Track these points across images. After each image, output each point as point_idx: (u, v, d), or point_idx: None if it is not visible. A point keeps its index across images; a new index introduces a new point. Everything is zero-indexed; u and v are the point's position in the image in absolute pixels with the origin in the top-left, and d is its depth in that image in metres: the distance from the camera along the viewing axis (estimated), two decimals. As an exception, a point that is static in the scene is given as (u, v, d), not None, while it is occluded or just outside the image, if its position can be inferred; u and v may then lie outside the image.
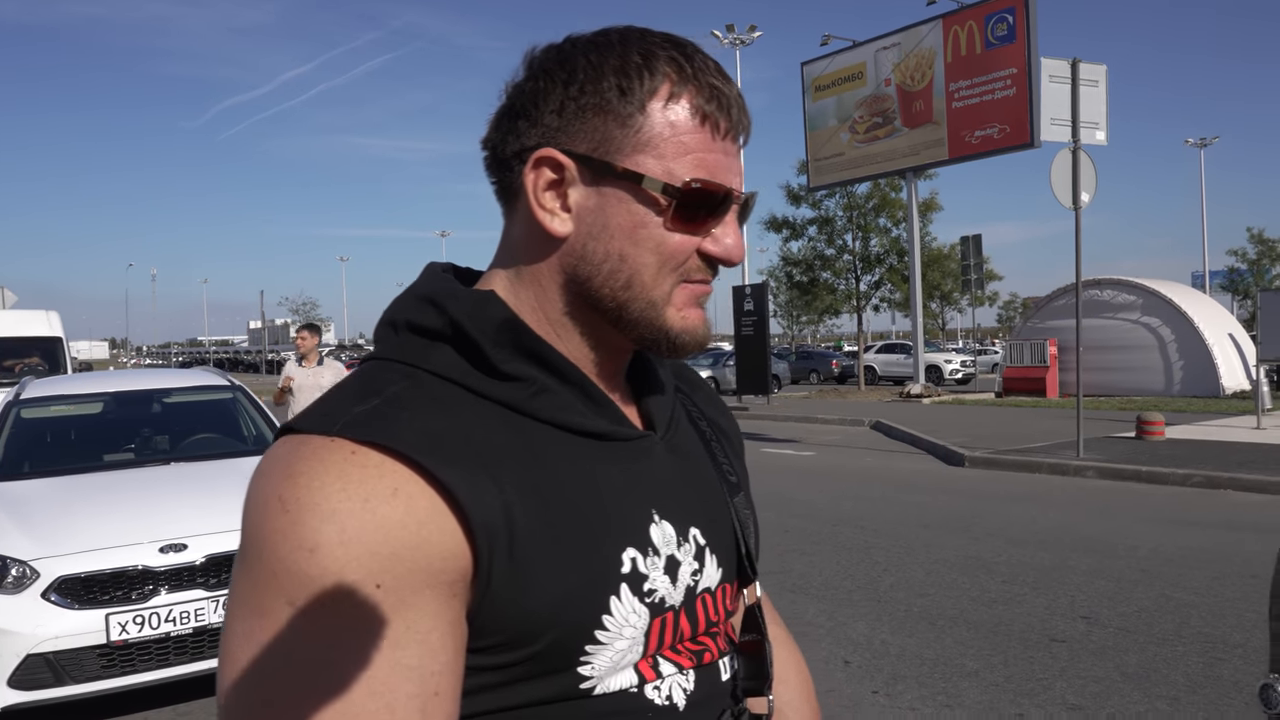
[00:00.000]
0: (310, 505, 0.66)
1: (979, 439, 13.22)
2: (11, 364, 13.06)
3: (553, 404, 0.78)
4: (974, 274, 23.05)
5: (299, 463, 0.68)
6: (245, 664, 0.65)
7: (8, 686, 3.96)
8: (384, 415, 0.71)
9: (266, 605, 0.65)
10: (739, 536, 0.91)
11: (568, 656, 0.74)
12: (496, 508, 0.70)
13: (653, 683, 0.79)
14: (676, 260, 0.79)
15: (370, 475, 0.67)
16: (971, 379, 30.57)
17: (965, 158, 22.56)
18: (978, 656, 4.77)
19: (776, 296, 38.55)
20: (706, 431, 0.97)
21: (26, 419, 5.79)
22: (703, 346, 0.83)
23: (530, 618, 0.71)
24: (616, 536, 0.77)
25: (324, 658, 0.64)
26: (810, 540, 7.58)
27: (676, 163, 0.77)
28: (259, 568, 0.66)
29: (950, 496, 9.51)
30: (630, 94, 0.77)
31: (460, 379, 0.77)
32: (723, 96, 0.79)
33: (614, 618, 0.75)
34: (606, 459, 0.80)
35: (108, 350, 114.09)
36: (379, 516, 0.66)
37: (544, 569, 0.72)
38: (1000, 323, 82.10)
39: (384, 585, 0.65)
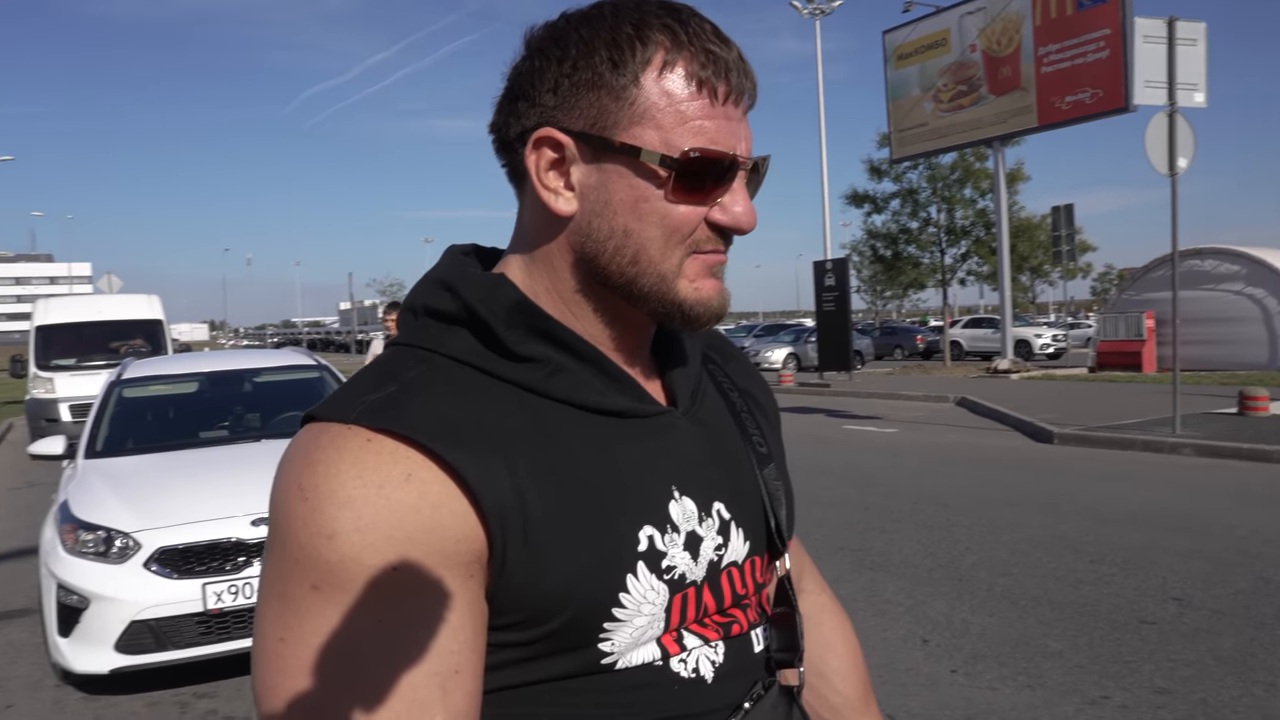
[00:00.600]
0: (328, 493, 0.68)
1: (1069, 415, 12.82)
2: (116, 345, 13.71)
3: (568, 383, 0.79)
4: (1065, 245, 22.21)
5: (317, 451, 0.70)
6: (274, 644, 0.68)
7: (114, 650, 4.19)
8: (398, 402, 0.72)
9: (291, 590, 0.68)
10: (767, 509, 0.90)
11: (586, 633, 0.75)
12: (508, 490, 0.71)
13: (677, 656, 0.80)
14: (683, 232, 0.78)
15: (384, 462, 0.69)
16: (1063, 354, 29.61)
17: (1055, 124, 21.75)
18: (1062, 637, 4.65)
19: (860, 271, 37.86)
20: (738, 403, 0.96)
21: (128, 398, 6.08)
22: (719, 317, 0.82)
23: (547, 596, 0.72)
24: (633, 515, 0.77)
25: (346, 638, 0.66)
26: (890, 518, 7.48)
27: (675, 133, 0.76)
28: (283, 554, 0.69)
29: (1037, 474, 9.26)
30: (623, 66, 0.75)
31: (476, 362, 0.78)
32: (719, 60, 0.77)
33: (631, 595, 0.76)
34: (625, 437, 0.80)
35: (207, 332, 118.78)
36: (393, 502, 0.68)
37: (558, 549, 0.72)
38: (1094, 295, 79.22)
39: (401, 568, 0.67)
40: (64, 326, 13.92)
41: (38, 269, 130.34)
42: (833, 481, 9.22)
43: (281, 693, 0.67)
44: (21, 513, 9.28)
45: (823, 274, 21.58)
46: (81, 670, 4.23)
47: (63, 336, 13.77)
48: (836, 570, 5.95)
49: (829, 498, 8.40)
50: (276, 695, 0.67)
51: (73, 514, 4.54)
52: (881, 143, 27.57)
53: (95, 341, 13.81)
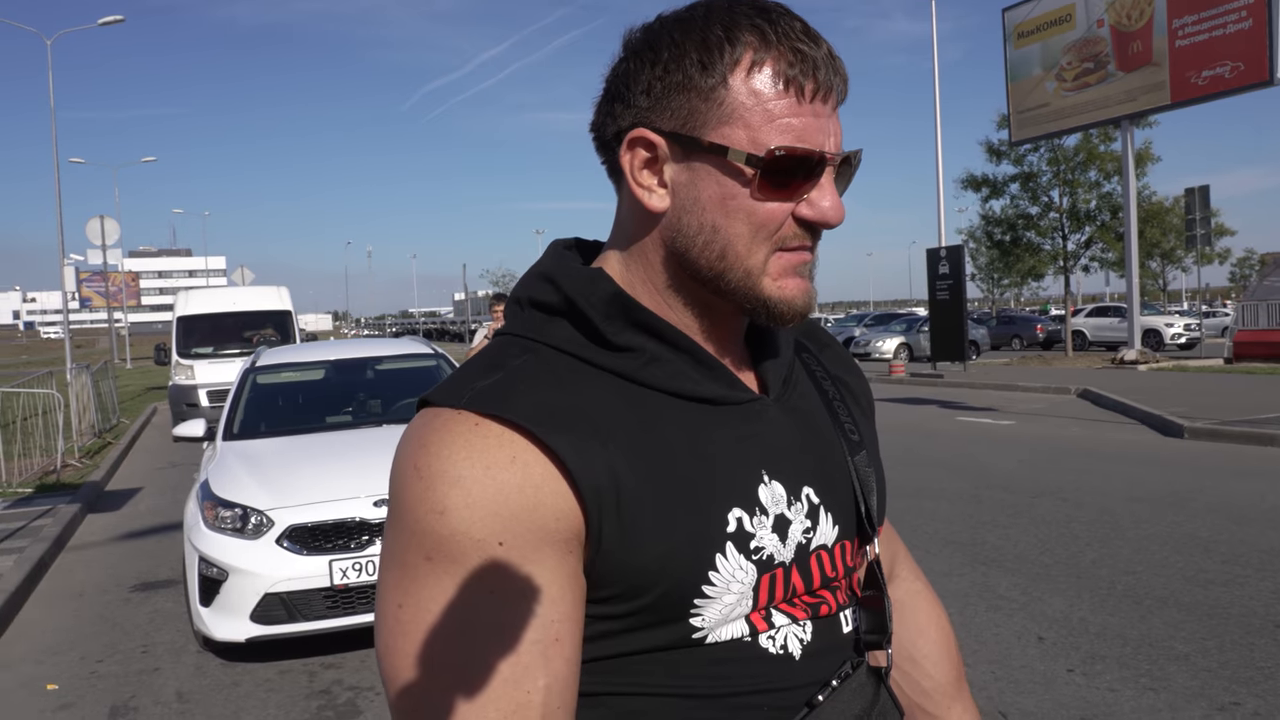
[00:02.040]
0: (440, 472, 0.74)
1: (1201, 408, 12.16)
2: (249, 335, 14.49)
3: (664, 372, 0.82)
4: (1200, 229, 21.02)
5: (431, 434, 0.76)
6: (393, 609, 0.75)
7: (250, 620, 4.47)
8: (505, 388, 0.78)
9: (408, 560, 0.75)
10: (858, 495, 0.92)
11: (678, 608, 0.79)
12: (604, 472, 0.76)
13: (766, 633, 0.83)
14: (769, 228, 0.81)
15: (491, 445, 0.75)
16: (1197, 344, 28.02)
17: (1191, 101, 20.58)
18: (1189, 640, 4.46)
19: (976, 259, 36.67)
20: (830, 391, 0.98)
21: (261, 384, 6.45)
22: (803, 316, 0.84)
23: (640, 572, 0.77)
24: (723, 497, 0.81)
25: (456, 605, 0.73)
26: (1006, 512, 7.27)
27: (762, 131, 0.78)
28: (401, 528, 0.75)
29: (1165, 470, 8.83)
30: (711, 68, 0.78)
31: (577, 351, 0.82)
32: (807, 58, 0.78)
33: (720, 573, 0.79)
34: (718, 423, 0.83)
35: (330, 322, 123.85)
36: (499, 482, 0.73)
37: (650, 528, 0.77)
38: (1233, 282, 74.60)
39: (506, 543, 0.73)
40: (202, 317, 14.78)
41: (178, 263, 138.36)
42: (944, 474, 9.01)
43: (400, 653, 0.74)
44: (166, 491, 9.93)
45: (936, 262, 21.03)
46: (221, 638, 4.53)
47: (201, 326, 14.63)
48: (947, 564, 5.84)
49: (940, 490, 8.22)
50: (396, 655, 0.74)
51: (212, 492, 4.86)
52: (1000, 124, 26.62)
53: (231, 331, 14.62)
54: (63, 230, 25.97)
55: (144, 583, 6.38)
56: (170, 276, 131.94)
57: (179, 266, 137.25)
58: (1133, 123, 22.12)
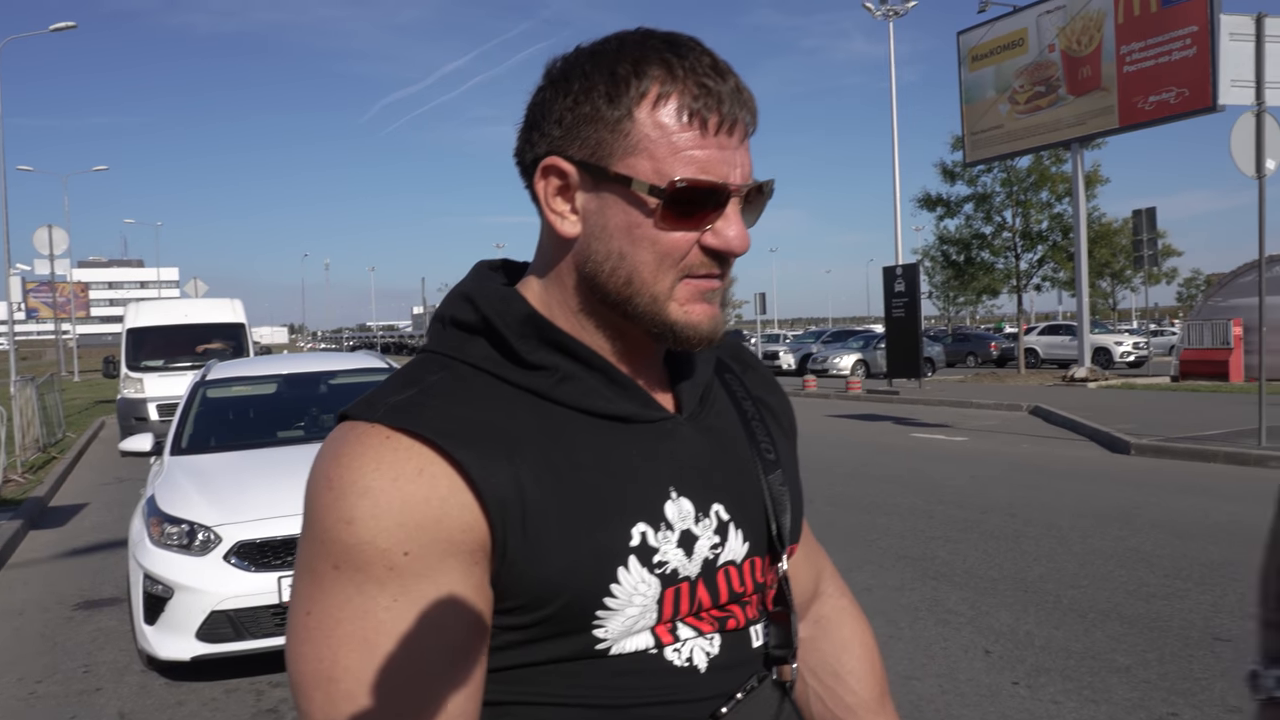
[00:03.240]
0: (349, 483, 0.76)
1: (1148, 425, 12.45)
2: (201, 348, 14.26)
3: (576, 390, 0.85)
4: (1147, 249, 21.56)
5: (344, 446, 0.79)
6: (302, 616, 0.77)
7: (196, 639, 4.40)
8: (417, 404, 0.80)
9: (317, 568, 0.77)
10: (769, 513, 0.94)
11: (581, 620, 0.81)
12: (509, 486, 0.78)
13: (671, 645, 0.85)
14: (674, 257, 0.83)
15: (400, 457, 0.77)
16: (1145, 362, 28.70)
17: (1138, 125, 21.14)
18: (1130, 652, 4.55)
19: (932, 277, 37.24)
20: (750, 411, 1.00)
21: (211, 398, 6.36)
22: (710, 341, 0.86)
23: (543, 584, 0.79)
24: (628, 512, 0.83)
25: (362, 613, 0.75)
26: (956, 527, 7.38)
27: (666, 162, 0.81)
28: (312, 537, 0.78)
29: (1111, 486, 9.02)
30: (618, 100, 0.81)
31: (492, 369, 0.85)
32: (712, 92, 0.81)
33: (622, 586, 0.81)
34: (628, 440, 0.86)
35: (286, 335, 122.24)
36: (405, 493, 0.75)
37: (554, 541, 0.79)
38: (1180, 301, 76.49)
39: (411, 553, 0.75)
40: (153, 329, 14.52)
41: (129, 274, 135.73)
42: (897, 489, 9.12)
43: (307, 659, 0.76)
44: (112, 506, 9.73)
45: (893, 279, 21.32)
46: (165, 657, 4.45)
47: (152, 339, 14.36)
48: (899, 579, 5.91)
49: (893, 505, 8.32)
50: (303, 661, 0.76)
51: (159, 508, 4.78)
52: (955, 145, 27.11)
53: (182, 344, 14.37)
54: (9, 239, 25.40)
55: (87, 601, 6.24)
56: (121, 288, 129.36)
57: (130, 278, 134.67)
58: (1082, 145, 22.66)
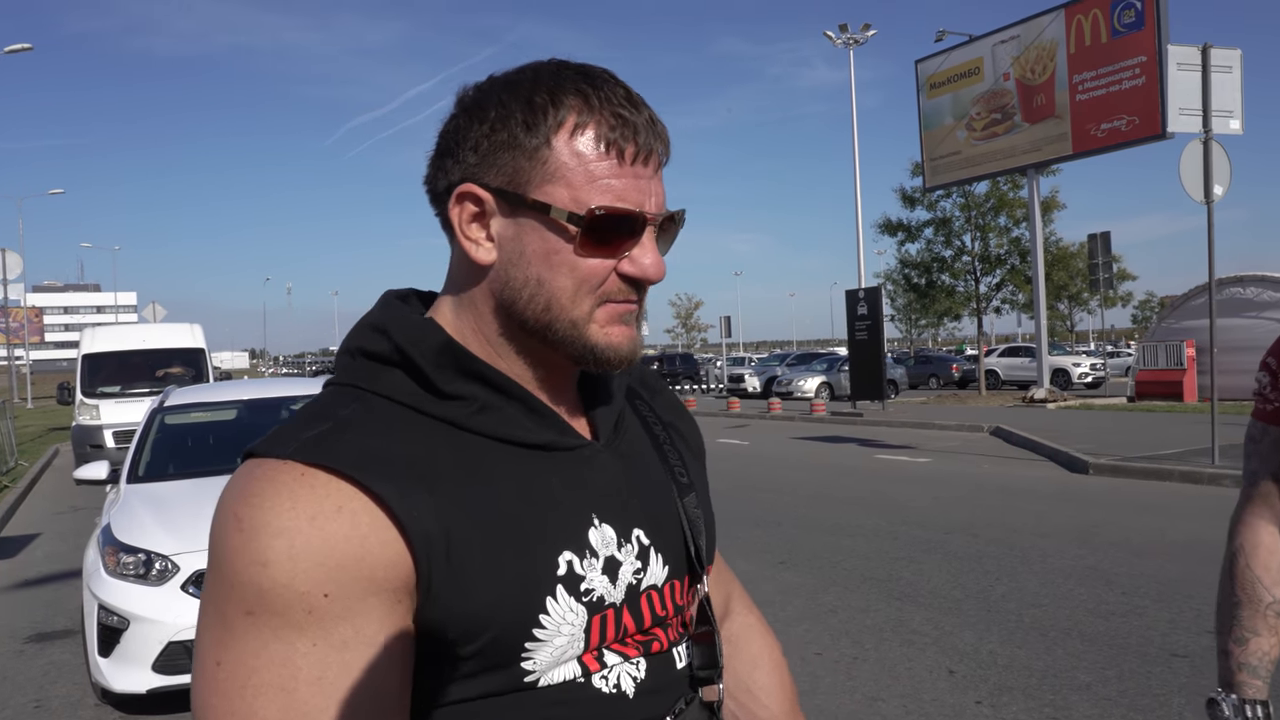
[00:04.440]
0: (263, 523, 0.72)
1: (1106, 445, 12.66)
2: (160, 373, 14.03)
3: (494, 420, 0.84)
4: (1103, 273, 22.03)
5: (254, 484, 0.75)
6: (210, 667, 0.73)
7: (152, 671, 4.30)
8: (331, 438, 0.77)
9: (228, 614, 0.72)
10: (687, 536, 0.94)
11: (509, 653, 0.79)
12: (432, 520, 0.76)
13: (598, 673, 0.84)
14: (592, 283, 0.83)
15: (317, 494, 0.73)
16: (1102, 383, 29.21)
17: (1091, 152, 21.69)
18: (1090, 669, 4.61)
19: (894, 300, 37.71)
20: (661, 435, 1.00)
21: (169, 425, 6.25)
22: (630, 361, 0.87)
23: (470, 618, 0.77)
24: (552, 541, 0.82)
25: (279, 660, 0.71)
26: (920, 548, 7.44)
27: (584, 190, 0.81)
28: (221, 581, 0.73)
29: (1071, 505, 9.16)
30: (535, 129, 0.82)
31: (407, 400, 0.83)
32: (628, 123, 0.82)
33: (551, 616, 0.80)
34: (548, 469, 0.85)
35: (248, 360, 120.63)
36: (325, 532, 0.72)
37: (480, 574, 0.77)
38: (1136, 324, 78.10)
39: (331, 594, 0.72)
40: (109, 355, 14.26)
41: (85, 299, 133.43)
42: (862, 511, 9.19)
43: (217, 712, 0.71)
44: (66, 536, 9.51)
45: (855, 303, 21.56)
46: (120, 690, 4.34)
47: (108, 364, 14.11)
48: (864, 600, 5.94)
49: (857, 527, 8.37)
50: (212, 714, 0.71)
51: (114, 537, 4.68)
52: (915, 171, 27.56)
53: (139, 369, 14.13)
54: (-39, 264, 24.87)
55: (39, 633, 6.09)
56: (77, 312, 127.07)
57: (86, 302, 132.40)
58: (1038, 171, 23.16)
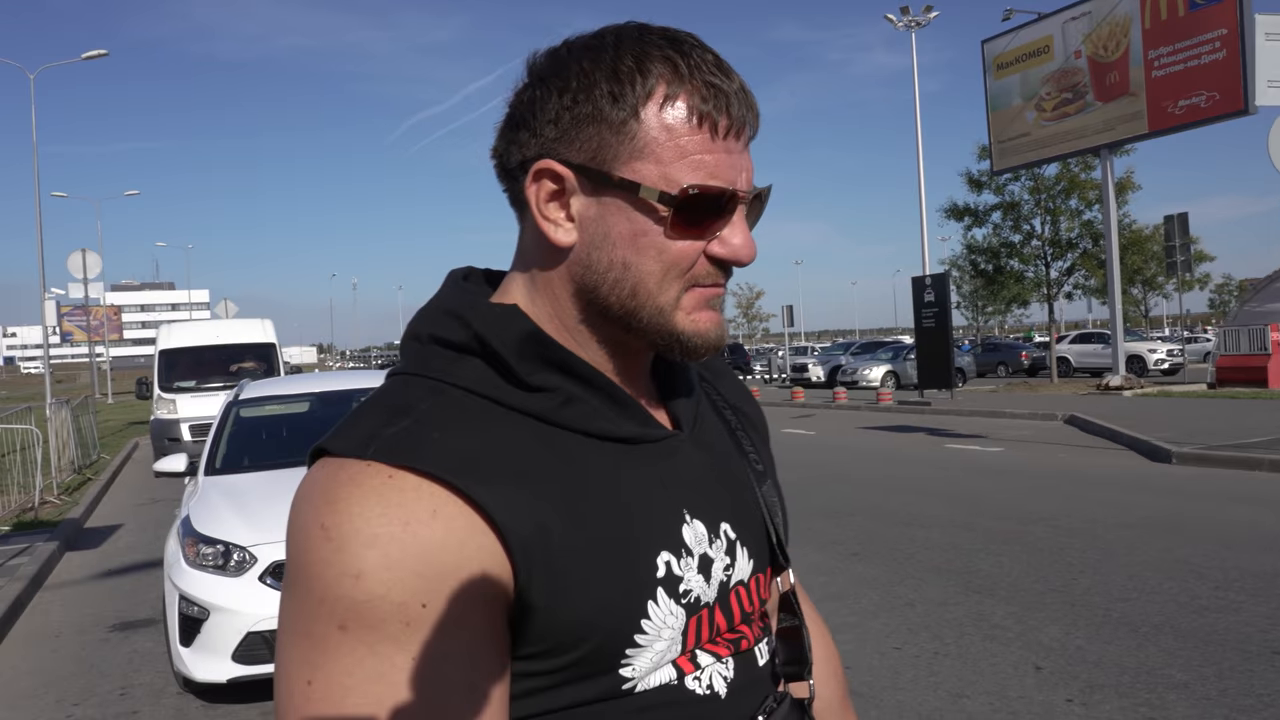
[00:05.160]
0: (353, 532, 0.67)
1: (1188, 434, 12.21)
2: (233, 368, 14.36)
3: (581, 413, 0.79)
4: (1180, 256, 21.26)
5: (338, 489, 0.69)
6: (301, 687, 0.68)
7: (232, 660, 4.36)
8: (416, 436, 0.72)
9: (318, 630, 0.67)
10: (769, 525, 0.91)
11: (609, 660, 0.75)
12: (531, 523, 0.71)
13: (692, 674, 0.80)
14: (681, 267, 0.78)
15: (409, 499, 0.69)
16: (1179, 369, 28.24)
17: (1168, 130, 20.91)
18: (1186, 668, 4.41)
19: (959, 287, 36.92)
20: (732, 421, 0.97)
21: (245, 418, 6.36)
22: (717, 349, 0.81)
23: (571, 627, 0.73)
24: (651, 542, 0.78)
25: (376, 676, 0.67)
26: (997, 539, 7.23)
27: (674, 167, 0.75)
28: (307, 595, 0.68)
29: (1155, 495, 8.83)
30: (623, 100, 0.75)
31: (488, 393, 0.77)
32: (721, 94, 0.76)
33: (652, 621, 0.76)
34: (636, 463, 0.80)
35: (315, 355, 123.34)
36: (420, 539, 0.68)
37: (581, 580, 0.73)
38: (1213, 308, 75.46)
39: (429, 604, 0.68)
40: (185, 350, 14.65)
41: (161, 296, 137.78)
42: (934, 501, 8.98)
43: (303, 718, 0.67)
44: (147, 527, 9.78)
45: (922, 290, 21.14)
46: (201, 679, 4.41)
47: (184, 360, 14.49)
48: (942, 593, 5.78)
49: (931, 518, 8.18)
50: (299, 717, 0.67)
51: (194, 528, 4.76)
52: (981, 155, 26.93)
53: (214, 364, 14.49)
54: (43, 264, 25.87)
55: (123, 622, 6.24)
56: (153, 310, 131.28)
57: (162, 300, 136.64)
58: (1111, 151, 22.43)
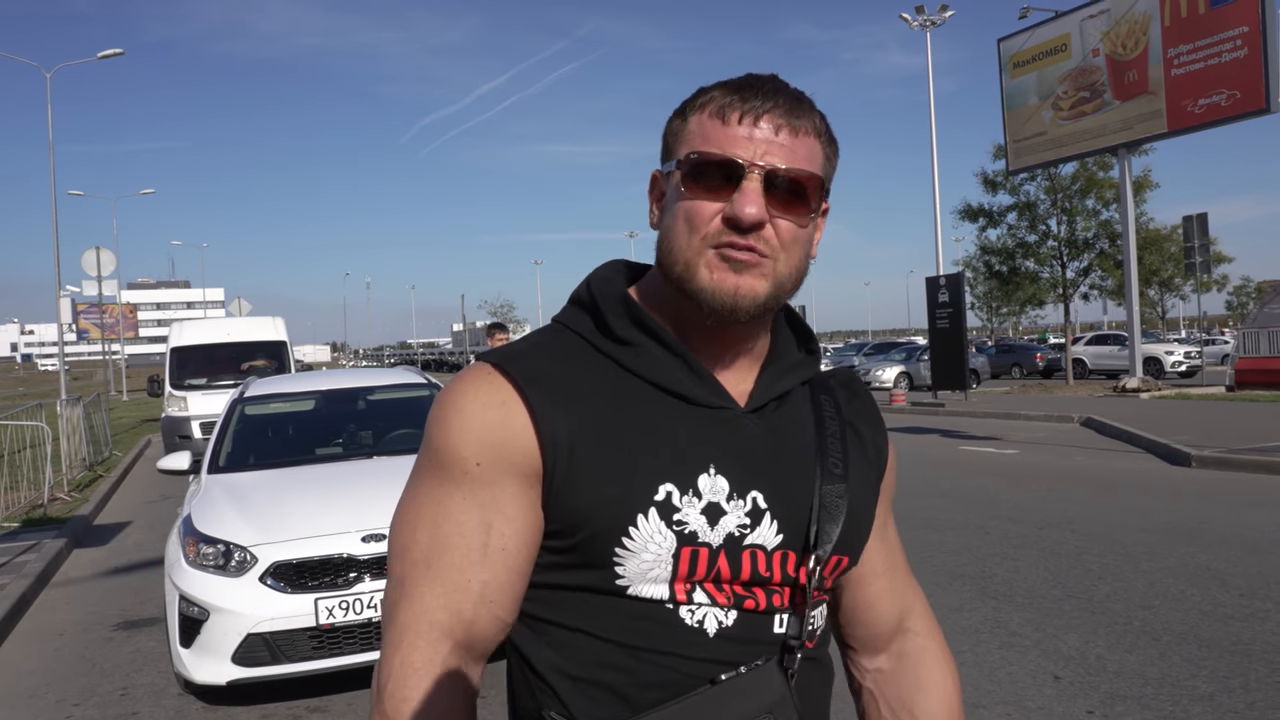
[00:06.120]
0: (451, 402, 0.97)
1: (1208, 437, 12.01)
2: (245, 365, 14.34)
3: (649, 364, 0.99)
4: (1198, 256, 20.99)
5: (463, 376, 0.99)
6: (406, 493, 0.99)
7: (231, 662, 4.28)
8: (521, 353, 0.99)
9: (421, 462, 0.99)
10: (812, 514, 1.00)
11: (602, 553, 0.94)
12: (564, 430, 0.94)
13: (685, 605, 0.95)
14: (696, 223, 0.94)
15: (493, 388, 0.96)
16: (1197, 372, 27.90)
17: (1188, 129, 20.62)
18: (1212, 678, 4.27)
19: (973, 287, 36.65)
20: (831, 428, 1.06)
21: (250, 415, 6.28)
22: (734, 309, 0.94)
23: (574, 513, 0.94)
24: (661, 471, 0.94)
25: (436, 501, 0.96)
26: (1013, 544, 7.09)
27: (693, 145, 0.96)
28: (425, 438, 0.99)
29: (1175, 499, 8.66)
30: (685, 114, 0.99)
31: (589, 337, 1.02)
32: (746, 92, 0.95)
33: (639, 531, 0.93)
34: (686, 418, 0.98)
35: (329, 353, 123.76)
36: (486, 418, 0.95)
37: (590, 481, 0.93)
38: (1230, 310, 74.74)
39: (483, 464, 0.94)
40: (196, 348, 14.64)
41: (176, 295, 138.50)
42: (949, 504, 8.84)
43: (397, 530, 0.98)
44: (155, 525, 9.74)
45: (936, 290, 20.96)
46: (201, 681, 4.33)
47: (195, 357, 14.48)
48: (957, 599, 5.65)
49: (945, 521, 8.04)
50: (394, 530, 0.98)
51: (195, 527, 4.68)
52: (997, 154, 26.68)
53: (225, 362, 14.47)
54: (59, 262, 25.95)
55: (127, 621, 6.18)
56: (168, 308, 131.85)
57: (177, 298, 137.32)
58: (1130, 151, 22.16)
